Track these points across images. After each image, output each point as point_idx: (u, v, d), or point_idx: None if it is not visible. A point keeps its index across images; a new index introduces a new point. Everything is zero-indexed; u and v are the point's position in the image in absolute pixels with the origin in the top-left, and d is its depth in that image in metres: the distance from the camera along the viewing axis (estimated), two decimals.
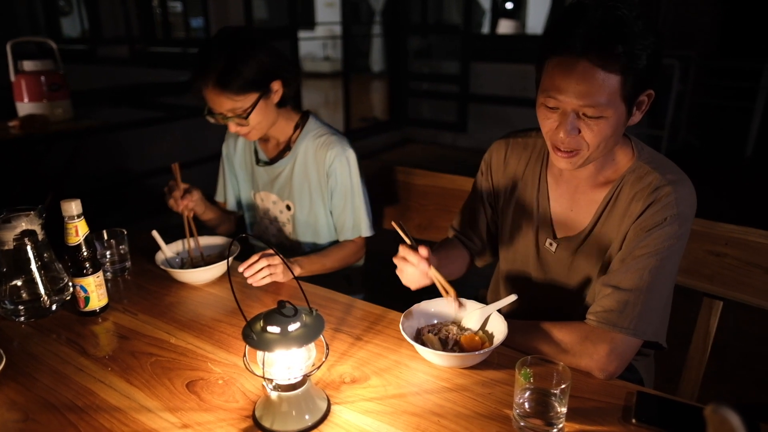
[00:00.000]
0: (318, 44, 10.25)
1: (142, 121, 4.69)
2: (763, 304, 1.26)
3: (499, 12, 7.46)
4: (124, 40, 6.30)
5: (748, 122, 5.46)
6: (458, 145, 6.45)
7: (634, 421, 0.87)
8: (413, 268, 1.08)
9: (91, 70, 6.36)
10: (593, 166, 1.12)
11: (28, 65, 3.03)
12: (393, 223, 1.14)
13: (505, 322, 1.04)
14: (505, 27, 6.74)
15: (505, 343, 1.02)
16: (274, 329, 0.84)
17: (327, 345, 0.94)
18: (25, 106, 3.05)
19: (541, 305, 1.24)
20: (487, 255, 1.40)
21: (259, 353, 0.86)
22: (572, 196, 1.18)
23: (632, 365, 1.24)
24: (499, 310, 1.08)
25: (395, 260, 1.10)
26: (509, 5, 7.95)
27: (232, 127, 1.47)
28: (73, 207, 1.16)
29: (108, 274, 1.41)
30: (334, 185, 1.58)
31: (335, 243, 1.64)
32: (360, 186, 1.60)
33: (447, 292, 1.11)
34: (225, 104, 1.40)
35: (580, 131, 1.01)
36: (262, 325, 0.85)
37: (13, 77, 3.02)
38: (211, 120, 1.47)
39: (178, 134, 4.69)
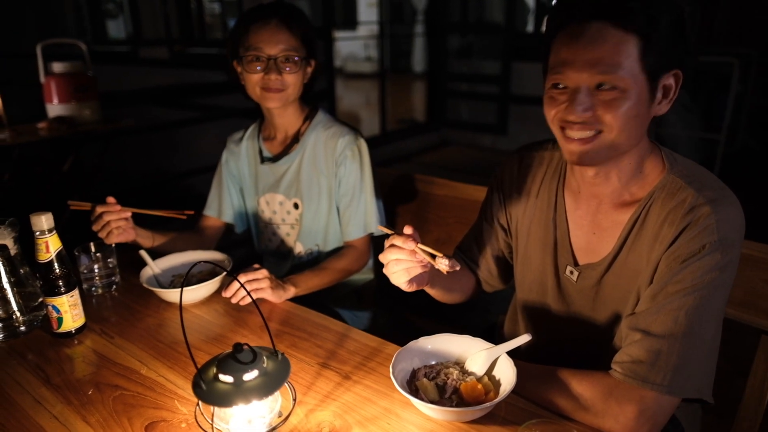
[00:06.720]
0: (360, 44, 10.16)
1: (173, 122, 4.69)
2: None
3: (545, 9, 7.17)
4: (163, 41, 6.37)
5: None
6: (498, 147, 6.21)
7: None
8: (400, 253, 0.89)
9: (132, 71, 6.47)
10: (617, 179, 0.95)
11: (57, 67, 3.04)
12: (380, 227, 0.99)
13: (515, 368, 0.88)
14: None
15: (515, 390, 0.86)
16: (226, 378, 0.71)
17: (294, 395, 0.80)
18: (54, 108, 3.06)
19: (563, 341, 1.07)
20: (497, 281, 1.23)
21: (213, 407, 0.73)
22: (594, 217, 1.01)
23: (673, 416, 1.05)
24: (509, 353, 0.92)
25: (381, 257, 0.93)
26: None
27: (274, 79, 1.38)
28: (43, 221, 1.07)
29: (95, 289, 1.32)
30: (342, 174, 1.47)
31: (340, 250, 1.52)
32: (371, 178, 1.48)
33: (434, 257, 0.88)
34: (284, 41, 1.38)
35: (595, 111, 0.85)
36: (214, 372, 0.72)
37: (43, 79, 3.03)
38: (252, 66, 1.38)
39: (214, 135, 4.68)
